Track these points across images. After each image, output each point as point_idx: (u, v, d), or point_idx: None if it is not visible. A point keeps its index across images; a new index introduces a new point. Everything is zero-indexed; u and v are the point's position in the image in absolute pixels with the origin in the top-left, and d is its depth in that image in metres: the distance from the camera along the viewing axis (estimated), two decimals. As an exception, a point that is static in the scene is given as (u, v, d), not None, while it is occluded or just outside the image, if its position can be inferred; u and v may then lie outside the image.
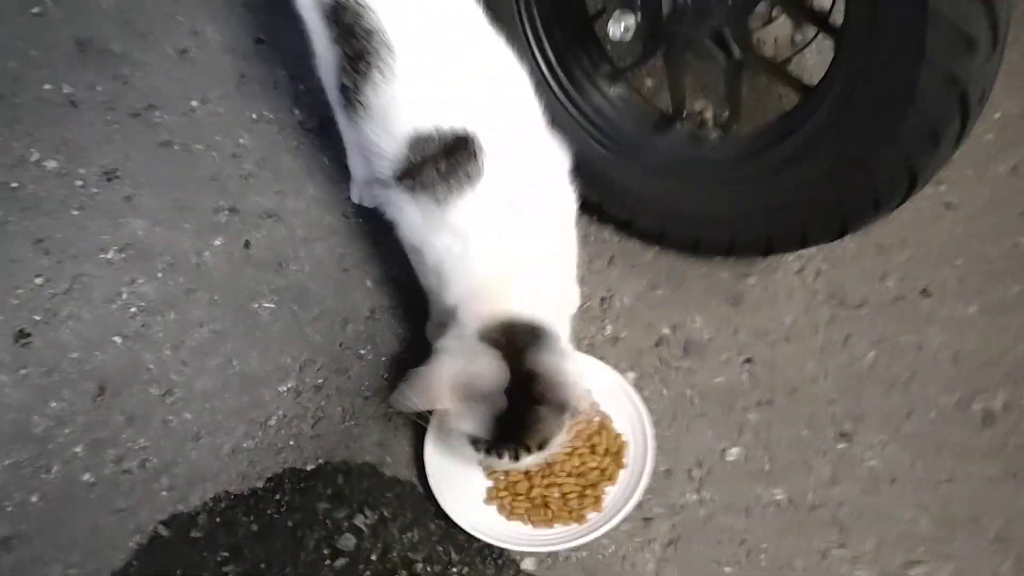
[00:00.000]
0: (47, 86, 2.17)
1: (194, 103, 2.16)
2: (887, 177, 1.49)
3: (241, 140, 2.11)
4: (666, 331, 1.84)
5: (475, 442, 1.42)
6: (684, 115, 1.77)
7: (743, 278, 1.89)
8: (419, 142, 1.44)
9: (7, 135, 2.08)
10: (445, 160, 1.42)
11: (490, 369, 1.35)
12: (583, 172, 1.55)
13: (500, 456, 1.41)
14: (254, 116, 2.15)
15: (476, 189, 1.43)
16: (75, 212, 1.98)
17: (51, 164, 2.05)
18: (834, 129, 1.53)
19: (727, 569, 1.58)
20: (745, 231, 1.70)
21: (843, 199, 1.56)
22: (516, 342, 1.37)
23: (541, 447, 1.41)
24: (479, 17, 1.50)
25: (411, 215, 1.48)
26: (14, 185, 2.01)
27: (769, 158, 1.64)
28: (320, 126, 2.12)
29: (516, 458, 1.41)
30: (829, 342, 1.81)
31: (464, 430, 1.40)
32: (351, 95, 1.51)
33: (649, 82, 2.12)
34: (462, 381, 1.36)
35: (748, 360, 1.79)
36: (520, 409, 1.36)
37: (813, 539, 1.60)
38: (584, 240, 1.60)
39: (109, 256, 1.92)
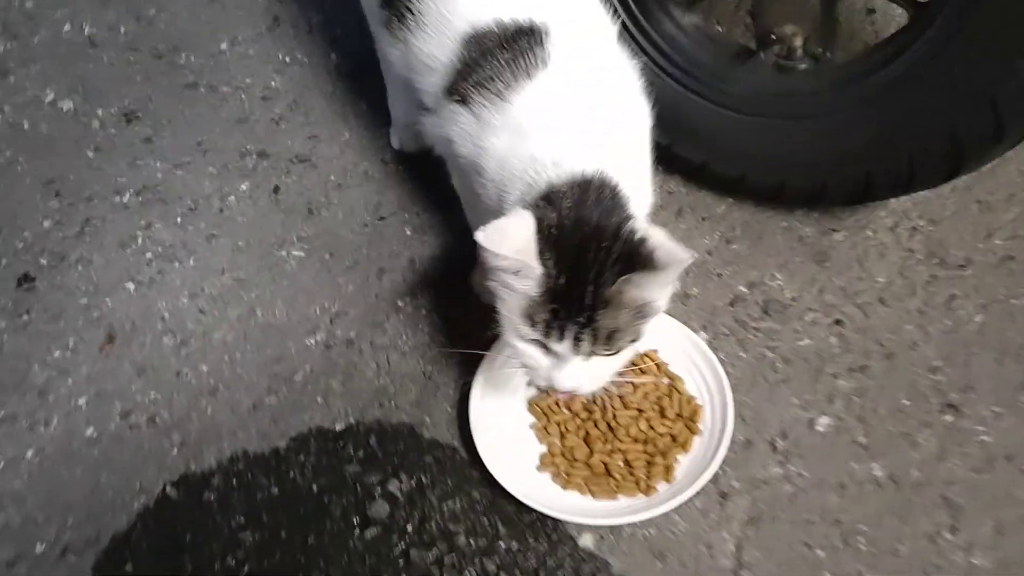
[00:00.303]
0: (66, 26, 2.02)
1: (223, 45, 2.00)
2: (1015, 98, 1.26)
3: (272, 83, 1.93)
4: (743, 289, 1.62)
5: (531, 316, 1.19)
6: (769, 43, 1.55)
7: (828, 234, 1.68)
8: (476, 39, 1.29)
9: (21, 75, 1.93)
10: (507, 49, 1.26)
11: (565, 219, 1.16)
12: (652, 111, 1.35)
13: (560, 335, 1.18)
14: (287, 59, 1.98)
15: (541, 79, 1.26)
16: (90, 154, 1.81)
17: (67, 105, 1.89)
18: (951, 46, 1.34)
19: (819, 553, 1.35)
20: (839, 172, 1.50)
21: (959, 129, 1.35)
22: (593, 199, 1.18)
23: (610, 338, 1.18)
24: None
25: (465, 125, 1.31)
26: (25, 125, 1.85)
27: (870, 86, 1.46)
28: (359, 70, 1.95)
29: (577, 342, 1.18)
30: (929, 304, 1.59)
31: (522, 290, 1.17)
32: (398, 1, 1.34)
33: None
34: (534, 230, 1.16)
35: (837, 322, 1.58)
36: (594, 280, 1.15)
37: (919, 521, 1.38)
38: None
39: (125, 199, 1.75)
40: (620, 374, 1.30)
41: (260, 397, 1.52)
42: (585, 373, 1.22)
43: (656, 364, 1.49)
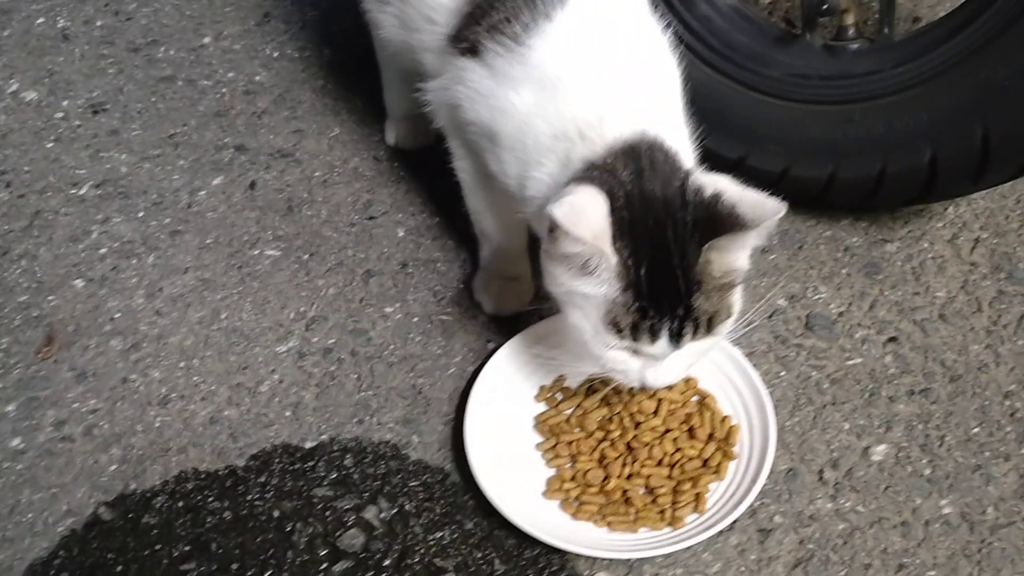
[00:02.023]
0: (40, 20, 1.85)
1: (206, 39, 1.83)
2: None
3: (257, 77, 1.75)
4: (782, 302, 1.41)
5: (616, 323, 1.00)
6: (816, 24, 1.37)
7: (879, 244, 1.47)
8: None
9: (-15, 66, 1.73)
10: None
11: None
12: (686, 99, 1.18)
13: (654, 336, 1.00)
14: (275, 54, 1.80)
15: (562, 16, 1.09)
16: (49, 144, 1.63)
17: (30, 95, 1.71)
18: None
19: (882, 603, 1.11)
20: (898, 160, 1.29)
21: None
22: (648, 167, 1.01)
23: (711, 323, 1.02)
24: None
25: (477, 82, 1.13)
26: (-18, 115, 1.64)
27: (936, 61, 1.24)
28: (353, 65, 1.76)
29: (676, 338, 1.00)
30: (998, 323, 1.37)
31: (598, 293, 1.00)
32: None
33: None
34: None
35: (892, 340, 1.36)
36: (680, 262, 0.98)
37: (1001, 569, 1.15)
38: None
39: (82, 192, 1.55)
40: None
41: (218, 409, 1.29)
42: (682, 364, 1.07)
43: (684, 379, 1.26)
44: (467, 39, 1.13)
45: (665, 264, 0.98)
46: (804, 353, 1.36)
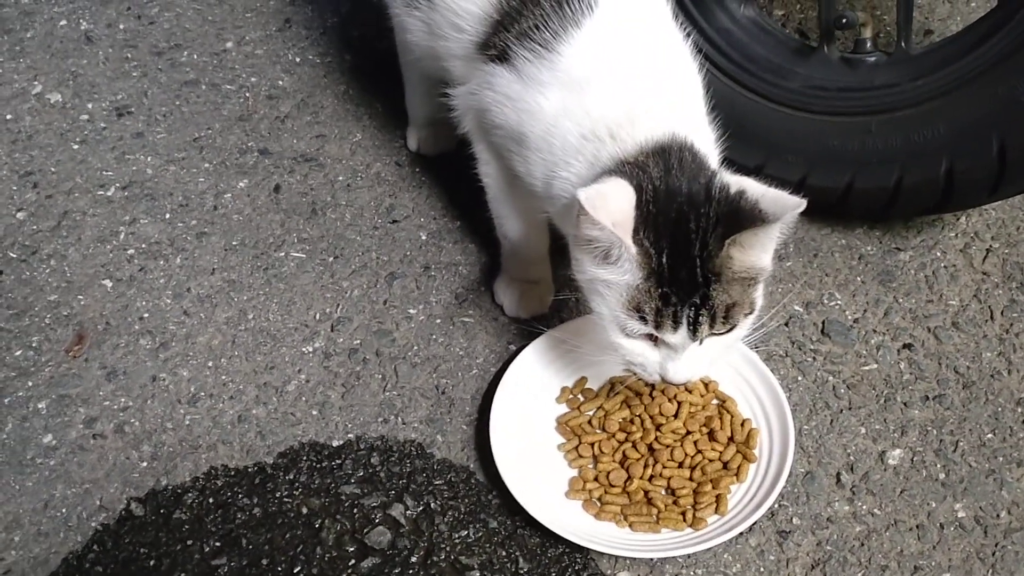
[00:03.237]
0: (62, 22, 1.87)
1: (228, 44, 1.86)
2: None
3: (280, 82, 1.78)
4: (798, 309, 1.43)
5: (639, 307, 1.04)
6: (834, 36, 1.40)
7: (893, 253, 1.49)
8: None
9: (9, 68, 1.79)
10: None
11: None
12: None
13: (675, 324, 1.03)
14: (297, 59, 1.82)
15: (589, 24, 1.12)
16: (75, 146, 1.65)
17: (55, 97, 1.73)
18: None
19: (898, 603, 1.13)
20: (915, 171, 1.32)
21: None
22: (676, 165, 1.05)
23: (728, 314, 1.04)
24: None
25: (506, 87, 1.16)
26: (8, 117, 1.69)
27: (953, 75, 1.28)
28: (375, 71, 1.79)
29: (695, 327, 1.04)
30: (1011, 331, 1.40)
31: (621, 280, 1.03)
32: None
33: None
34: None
35: (907, 346, 1.38)
36: (700, 252, 1.02)
37: (1014, 572, 1.17)
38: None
39: (109, 193, 1.57)
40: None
41: (246, 408, 1.31)
42: (701, 359, 1.09)
43: (704, 383, 1.29)
44: (495, 45, 1.16)
45: (685, 254, 1.01)
46: (820, 358, 1.38)
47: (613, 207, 0.98)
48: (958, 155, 1.29)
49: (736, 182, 1.03)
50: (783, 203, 0.98)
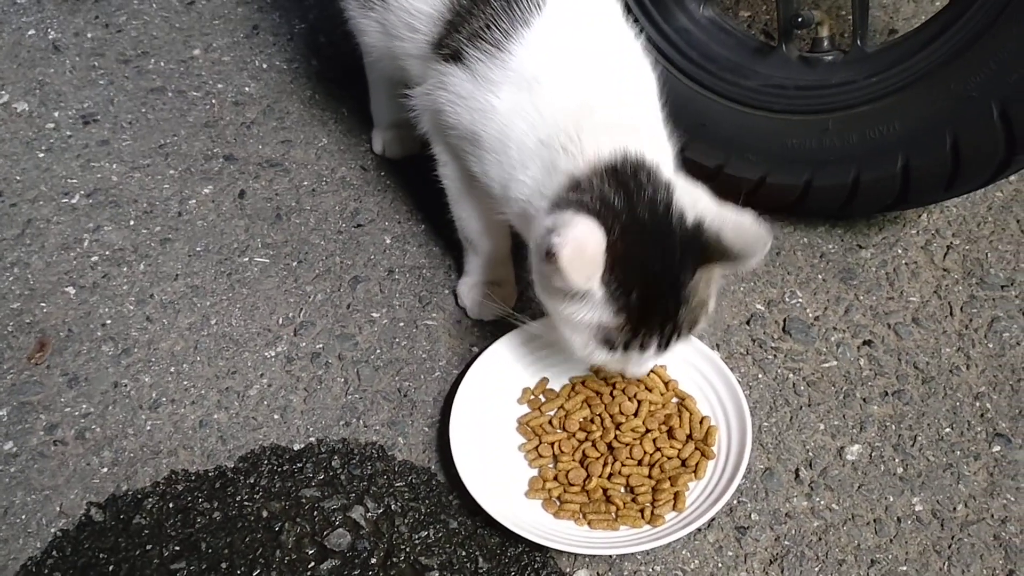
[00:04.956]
0: (30, 32, 1.87)
1: (196, 51, 1.85)
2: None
3: (247, 88, 1.78)
4: (759, 307, 1.44)
5: (609, 341, 1.07)
6: (793, 35, 1.41)
7: (854, 251, 1.50)
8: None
9: (-25, 78, 1.75)
10: None
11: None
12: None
13: (643, 348, 1.07)
14: (264, 65, 1.83)
15: (539, 22, 1.13)
16: (40, 154, 1.65)
17: (21, 106, 1.73)
18: (999, 23, 1.21)
19: (855, 597, 1.14)
20: (872, 168, 1.33)
21: (1011, 113, 1.19)
22: (636, 185, 1.05)
23: (692, 326, 1.10)
24: None
25: (458, 86, 1.16)
26: (-27, 126, 1.67)
27: (908, 72, 1.28)
28: (342, 76, 1.79)
29: (662, 347, 1.08)
30: (970, 327, 1.41)
31: (589, 320, 1.06)
32: None
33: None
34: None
35: (867, 343, 1.39)
36: (671, 287, 1.05)
37: (970, 564, 1.17)
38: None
39: (73, 200, 1.57)
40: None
41: (208, 413, 1.32)
42: (661, 356, 1.13)
43: (664, 382, 1.30)
44: (449, 46, 1.17)
45: (656, 288, 1.04)
46: (781, 356, 1.39)
47: (588, 259, 0.98)
48: (913, 152, 1.30)
49: (691, 206, 1.05)
50: (749, 239, 1.01)
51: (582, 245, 0.97)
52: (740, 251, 1.02)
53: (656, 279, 1.04)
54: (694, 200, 1.06)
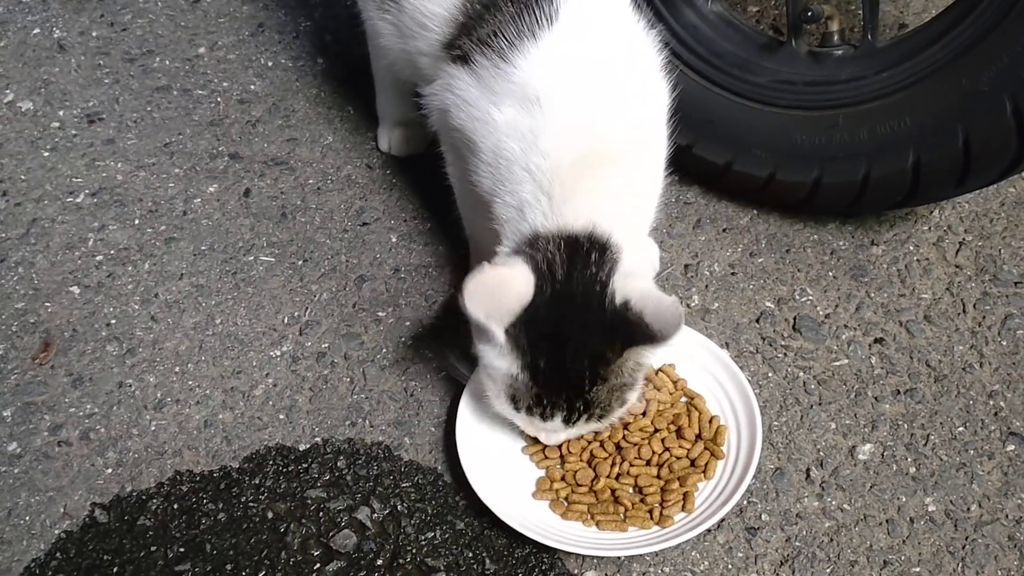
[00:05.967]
0: (35, 31, 1.86)
1: (201, 50, 1.85)
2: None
3: (252, 86, 1.77)
4: (769, 305, 1.42)
5: (514, 398, 1.08)
6: (802, 30, 1.39)
7: (865, 248, 1.48)
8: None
9: (-20, 77, 1.75)
10: (512, 1, 1.10)
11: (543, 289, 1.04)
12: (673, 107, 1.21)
13: (546, 417, 1.08)
14: (269, 63, 1.82)
15: (549, 38, 1.10)
16: (45, 153, 1.64)
17: (26, 105, 1.72)
18: (1012, 16, 1.18)
19: (867, 599, 1.12)
20: (883, 164, 1.31)
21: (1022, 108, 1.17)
22: (584, 260, 1.05)
23: (603, 412, 1.09)
24: None
25: (464, 90, 1.15)
26: (-22, 126, 1.66)
27: (918, 67, 1.26)
28: (347, 74, 1.79)
29: (568, 423, 1.08)
30: (983, 324, 1.39)
31: (500, 366, 1.06)
32: None
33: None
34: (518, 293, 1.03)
35: (878, 341, 1.37)
36: (581, 349, 1.03)
37: (984, 565, 1.16)
38: (662, 204, 1.22)
39: (78, 200, 1.56)
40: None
41: (213, 413, 1.31)
42: (573, 432, 1.14)
43: (673, 381, 1.28)
44: (459, 47, 1.15)
45: (570, 359, 1.03)
46: (791, 354, 1.37)
47: (493, 293, 1.00)
48: (924, 148, 1.29)
49: (622, 288, 1.04)
50: (666, 321, 0.99)
51: (498, 284, 1.00)
52: (658, 331, 1.00)
53: (573, 352, 1.03)
54: (624, 278, 1.05)
